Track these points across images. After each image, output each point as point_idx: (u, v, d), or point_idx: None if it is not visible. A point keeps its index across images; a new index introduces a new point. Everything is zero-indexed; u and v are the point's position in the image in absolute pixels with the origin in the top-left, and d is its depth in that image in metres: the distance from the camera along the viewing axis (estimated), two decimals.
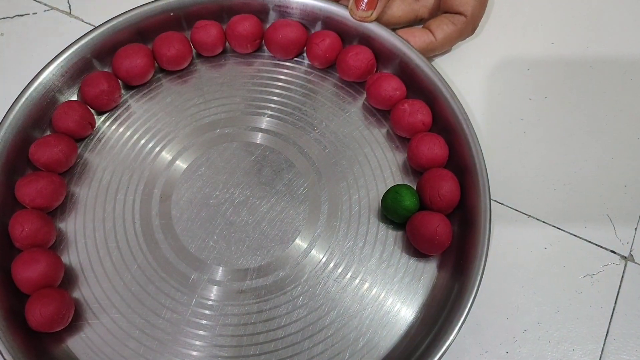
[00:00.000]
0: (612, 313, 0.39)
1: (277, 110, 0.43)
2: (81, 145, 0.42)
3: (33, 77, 0.40)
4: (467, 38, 0.45)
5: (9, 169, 0.39)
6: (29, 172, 0.40)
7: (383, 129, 0.42)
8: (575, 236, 0.41)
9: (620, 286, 0.39)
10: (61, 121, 0.40)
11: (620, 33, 0.47)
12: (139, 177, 0.41)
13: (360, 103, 0.43)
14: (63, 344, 0.36)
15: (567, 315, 0.39)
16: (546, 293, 0.39)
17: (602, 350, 0.38)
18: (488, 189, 0.37)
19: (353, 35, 0.44)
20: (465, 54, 0.46)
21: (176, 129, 0.42)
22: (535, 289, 0.39)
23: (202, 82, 0.44)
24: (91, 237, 0.39)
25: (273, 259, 0.38)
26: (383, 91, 0.41)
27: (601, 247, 0.40)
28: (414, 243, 0.38)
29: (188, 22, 0.44)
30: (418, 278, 0.38)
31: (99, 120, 0.43)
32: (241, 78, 0.44)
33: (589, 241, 0.41)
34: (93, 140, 0.42)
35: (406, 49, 0.42)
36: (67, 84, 0.42)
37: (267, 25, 0.45)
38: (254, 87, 0.44)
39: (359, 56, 0.42)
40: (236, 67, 0.45)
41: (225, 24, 0.44)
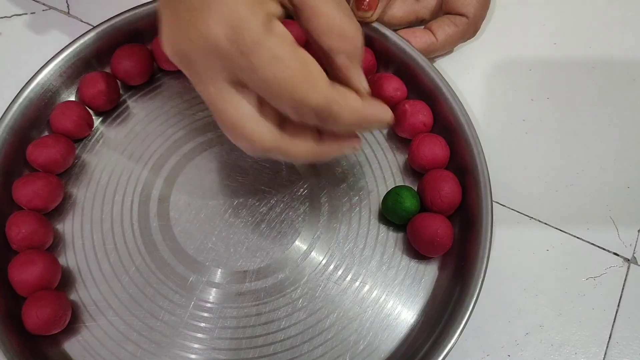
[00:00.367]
0: (615, 316, 0.38)
1: None
2: (79, 145, 0.41)
3: (31, 77, 0.40)
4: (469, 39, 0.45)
5: (6, 170, 0.39)
6: (26, 173, 0.39)
7: (383, 130, 0.42)
8: (577, 238, 0.40)
9: (623, 289, 0.39)
10: (59, 121, 0.40)
11: (623, 33, 0.47)
12: (138, 178, 0.40)
13: None
14: (60, 347, 0.36)
15: (570, 318, 0.38)
16: (548, 296, 0.39)
17: (605, 353, 0.38)
18: (489, 190, 0.37)
19: None
20: (466, 55, 0.46)
21: (175, 130, 0.42)
22: (537, 292, 0.39)
23: None
24: (89, 239, 0.39)
25: (272, 261, 0.38)
26: (384, 92, 0.41)
27: (604, 250, 0.40)
28: (415, 245, 0.38)
29: None
30: (419, 280, 0.38)
31: (97, 120, 0.42)
32: None
33: (592, 243, 0.40)
34: (91, 140, 0.42)
35: (407, 50, 0.41)
36: (65, 84, 0.42)
37: None
38: None
39: None
40: None
41: None
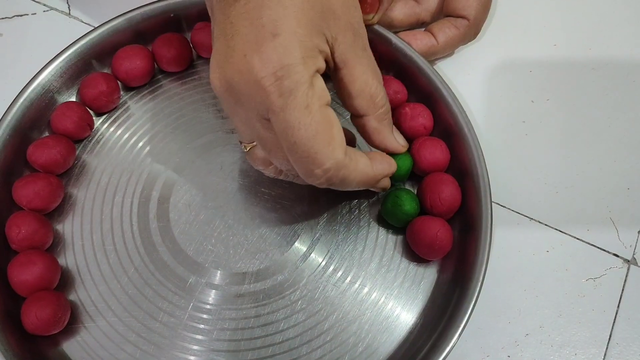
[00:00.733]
0: (615, 317, 0.38)
1: None
2: (79, 146, 0.41)
3: (32, 78, 0.40)
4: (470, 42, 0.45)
5: (7, 170, 0.39)
6: (27, 174, 0.39)
7: None
8: (577, 239, 0.40)
9: (623, 290, 0.39)
10: (59, 122, 0.40)
11: (623, 35, 0.47)
12: (138, 179, 0.40)
13: None
14: (59, 347, 0.36)
15: (570, 319, 0.38)
16: (548, 297, 0.39)
17: (605, 354, 0.37)
18: (489, 194, 0.37)
19: None
20: (467, 57, 0.46)
21: (175, 131, 0.42)
22: (537, 293, 0.39)
23: (202, 84, 0.44)
24: (88, 239, 0.39)
25: (271, 263, 0.38)
26: None
27: (604, 251, 0.40)
28: (414, 248, 0.38)
29: (188, 24, 0.44)
30: (418, 283, 0.38)
31: (98, 121, 0.42)
32: None
33: (592, 244, 0.40)
34: (91, 141, 0.42)
35: (408, 52, 0.41)
36: (66, 85, 0.42)
37: None
38: None
39: None
40: None
41: None
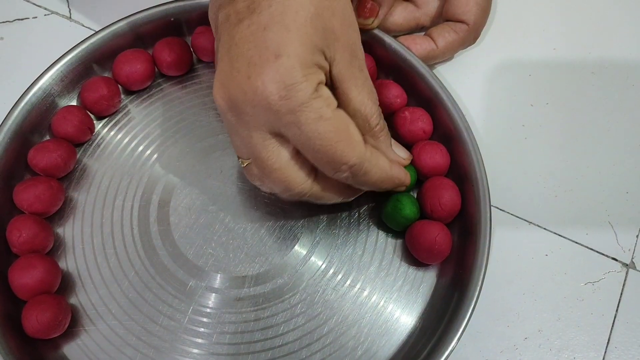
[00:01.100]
0: (614, 321, 0.38)
1: None
2: (80, 150, 0.42)
3: (32, 82, 0.40)
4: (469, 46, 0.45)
5: (7, 174, 0.39)
6: (28, 177, 0.40)
7: None
8: (576, 243, 0.41)
9: (621, 294, 0.39)
10: (60, 126, 0.40)
11: (622, 39, 0.47)
12: (138, 183, 0.40)
13: None
14: (59, 351, 0.36)
15: (568, 322, 0.38)
16: (547, 300, 0.39)
17: (603, 358, 0.38)
18: (488, 198, 0.37)
19: None
20: (466, 62, 0.46)
21: (176, 135, 0.42)
22: (536, 297, 0.39)
23: (203, 88, 0.44)
24: (89, 243, 0.39)
25: (271, 267, 0.38)
26: (384, 98, 0.41)
27: (603, 255, 0.40)
28: (413, 252, 0.38)
29: (189, 28, 0.44)
30: (417, 286, 0.38)
31: (99, 125, 0.42)
32: None
33: (591, 248, 0.40)
34: (92, 145, 0.42)
35: (407, 56, 0.41)
36: (67, 89, 0.42)
37: None
38: None
39: None
40: None
41: None
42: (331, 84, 0.32)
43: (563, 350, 0.38)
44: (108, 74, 0.43)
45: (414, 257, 0.38)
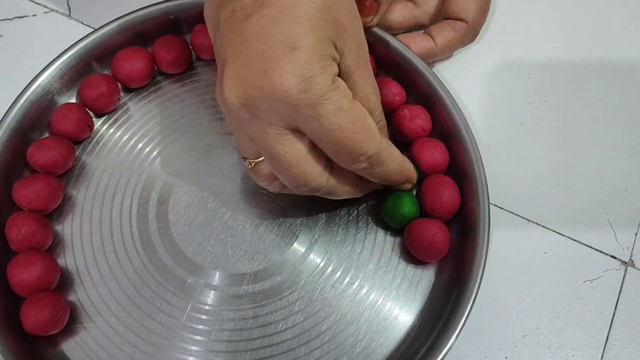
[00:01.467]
0: (612, 318, 0.38)
1: None
2: (79, 147, 0.42)
3: (32, 79, 0.40)
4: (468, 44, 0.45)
5: (7, 171, 0.39)
6: (27, 174, 0.40)
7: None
8: (575, 241, 0.41)
9: (620, 291, 0.39)
10: (59, 123, 0.40)
11: (621, 37, 0.47)
12: (137, 181, 0.40)
13: None
14: (58, 348, 0.36)
15: (567, 320, 0.38)
16: (546, 298, 0.39)
17: (602, 356, 0.38)
18: (487, 196, 0.37)
19: None
20: (465, 60, 0.46)
21: (175, 133, 0.42)
22: (535, 294, 0.39)
23: (202, 86, 0.44)
24: (88, 240, 0.39)
25: (270, 264, 0.38)
26: (383, 96, 0.40)
27: (601, 252, 0.40)
28: (412, 250, 0.38)
29: (188, 26, 0.44)
30: (416, 284, 0.38)
31: (98, 122, 0.42)
32: None
33: (589, 246, 0.40)
34: (91, 142, 0.42)
35: (406, 55, 0.42)
36: (66, 86, 0.42)
37: None
38: None
39: None
40: None
41: None
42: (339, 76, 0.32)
43: (562, 347, 0.38)
44: (107, 72, 0.43)
45: (413, 255, 0.38)
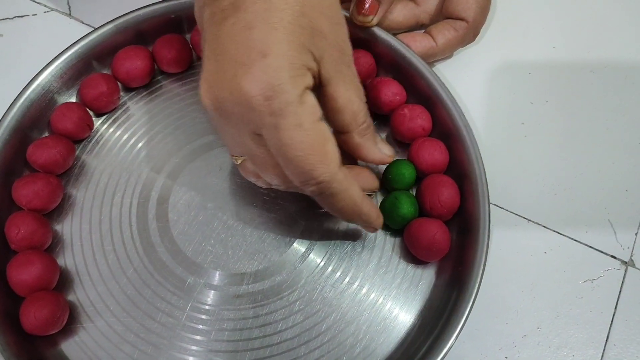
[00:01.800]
0: (613, 318, 0.38)
1: None
2: (79, 147, 0.42)
3: (32, 78, 0.40)
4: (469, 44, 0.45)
5: (6, 170, 0.39)
6: (26, 174, 0.40)
7: (382, 134, 0.42)
8: (575, 241, 0.40)
9: (620, 291, 0.39)
10: (59, 123, 0.40)
11: (621, 38, 0.47)
12: (137, 180, 0.40)
13: None
14: (57, 347, 0.36)
15: (567, 320, 0.38)
16: (546, 298, 0.39)
17: (602, 356, 0.38)
18: (487, 196, 0.37)
19: (354, 39, 0.43)
20: (466, 59, 0.46)
21: (175, 132, 0.42)
22: (535, 294, 0.39)
23: None
24: (87, 240, 0.39)
25: (270, 264, 0.38)
26: (383, 96, 0.41)
27: (602, 252, 0.40)
28: (412, 250, 0.38)
29: (189, 25, 0.44)
30: (416, 284, 0.38)
31: (98, 122, 0.42)
32: None
33: (590, 246, 0.40)
34: (91, 142, 0.42)
35: (407, 54, 0.41)
36: (66, 86, 0.42)
37: None
38: None
39: (360, 60, 0.42)
40: None
41: None
42: (319, 82, 0.32)
43: (562, 347, 0.38)
44: (107, 71, 0.43)
45: (413, 255, 0.38)
